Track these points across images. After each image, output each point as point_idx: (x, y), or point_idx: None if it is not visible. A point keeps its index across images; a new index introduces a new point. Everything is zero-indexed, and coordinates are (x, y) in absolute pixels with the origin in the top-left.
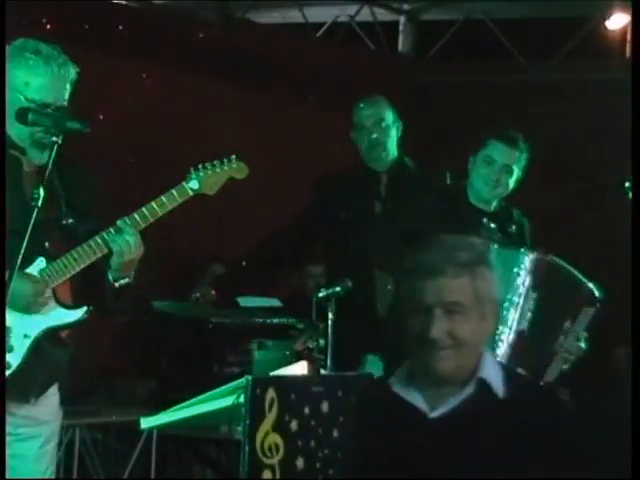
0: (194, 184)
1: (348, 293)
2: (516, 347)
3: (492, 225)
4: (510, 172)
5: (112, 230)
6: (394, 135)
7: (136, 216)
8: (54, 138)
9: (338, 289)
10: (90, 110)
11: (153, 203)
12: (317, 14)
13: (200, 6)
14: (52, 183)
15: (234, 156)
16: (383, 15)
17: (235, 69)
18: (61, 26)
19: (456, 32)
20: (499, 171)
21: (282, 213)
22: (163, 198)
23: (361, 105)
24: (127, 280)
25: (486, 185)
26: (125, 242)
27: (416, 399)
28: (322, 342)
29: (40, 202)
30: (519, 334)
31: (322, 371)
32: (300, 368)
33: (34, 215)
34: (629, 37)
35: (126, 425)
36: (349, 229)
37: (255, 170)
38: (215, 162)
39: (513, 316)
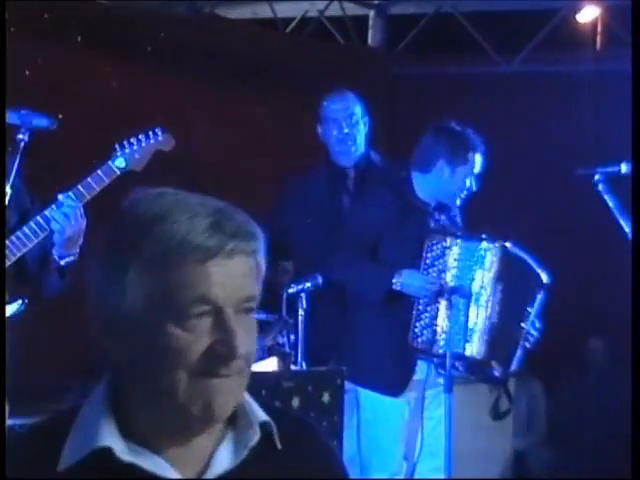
0: (120, 162)
1: (318, 288)
2: (489, 342)
3: (442, 217)
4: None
5: (53, 206)
6: (362, 130)
7: (71, 193)
8: (21, 136)
9: (308, 285)
10: (54, 106)
11: (79, 186)
12: (286, 9)
13: (170, 2)
14: (15, 177)
15: (159, 129)
16: (353, 9)
17: (204, 65)
18: (28, 23)
19: (425, 26)
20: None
21: (246, 206)
22: (89, 179)
23: (330, 99)
24: (72, 258)
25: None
26: (64, 216)
27: (161, 467)
28: (292, 337)
29: (7, 200)
30: (491, 327)
31: (292, 367)
32: (270, 364)
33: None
34: (599, 29)
35: None
36: (318, 226)
37: (221, 164)
38: (140, 137)
39: (485, 311)
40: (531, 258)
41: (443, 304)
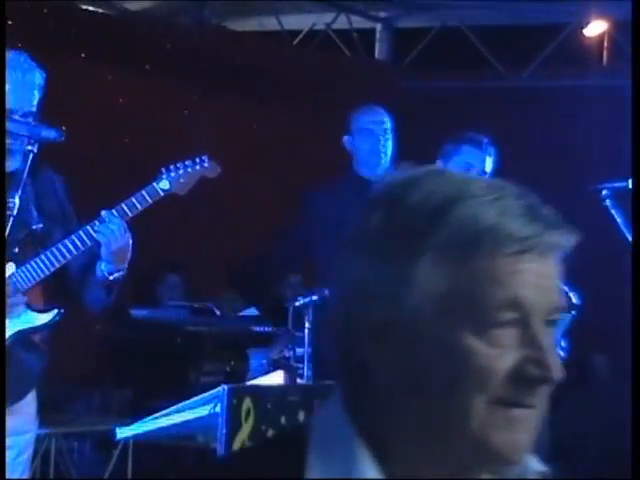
0: (165, 184)
1: (325, 302)
2: None
3: None
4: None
5: (96, 222)
6: (390, 144)
7: (114, 211)
8: (29, 147)
9: (315, 298)
10: (62, 115)
11: (123, 204)
12: (294, 22)
13: (176, 13)
14: (22, 188)
15: (205, 156)
16: (360, 23)
17: (211, 76)
18: (33, 32)
19: (432, 39)
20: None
21: (253, 219)
22: (133, 199)
23: (364, 111)
24: (121, 273)
25: None
26: (110, 231)
27: None
28: (299, 351)
29: (15, 211)
30: None
31: (299, 380)
32: (277, 377)
33: (10, 223)
34: (606, 44)
35: (102, 434)
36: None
37: (227, 174)
38: (187, 162)
39: None
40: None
41: None
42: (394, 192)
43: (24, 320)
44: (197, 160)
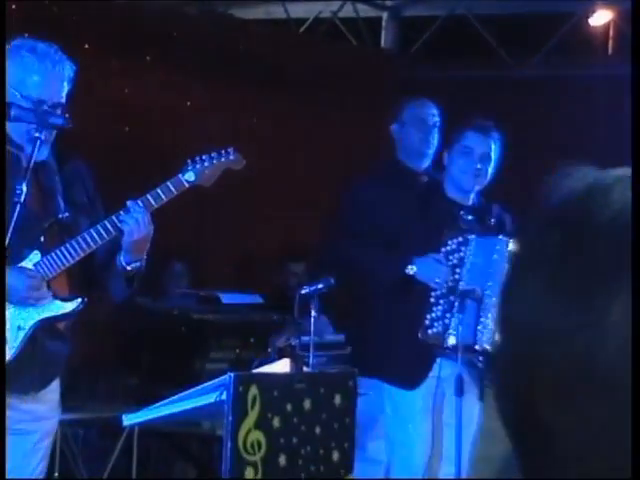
0: (190, 176)
1: (331, 290)
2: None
3: (469, 217)
4: (489, 160)
5: (122, 212)
6: (437, 138)
7: (139, 201)
8: (37, 134)
9: (320, 286)
10: (72, 106)
11: (148, 195)
12: (300, 10)
13: (183, 2)
14: (50, 178)
15: (231, 148)
16: (366, 11)
17: (218, 64)
18: (42, 24)
19: (439, 28)
20: (478, 160)
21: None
22: (158, 190)
23: (419, 102)
24: (139, 264)
25: (466, 174)
26: (134, 220)
27: None
28: (305, 339)
29: (22, 198)
30: None
31: (305, 368)
32: (283, 365)
33: (17, 211)
34: (611, 34)
35: (108, 421)
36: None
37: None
38: (213, 154)
39: (493, 302)
40: None
41: (454, 297)
42: (576, 207)
43: (49, 308)
44: (222, 152)
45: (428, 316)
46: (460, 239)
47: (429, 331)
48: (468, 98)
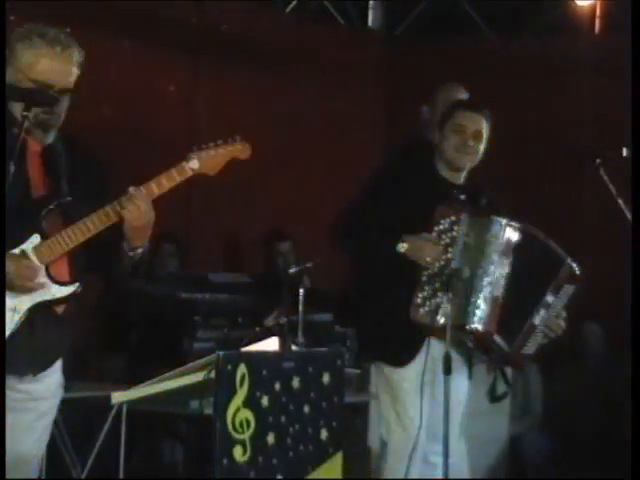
0: (194, 164)
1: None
2: (491, 314)
3: (462, 197)
4: (480, 138)
5: (123, 198)
6: None
7: (142, 188)
8: (25, 112)
9: (309, 265)
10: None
11: (152, 182)
12: None
13: None
14: (54, 161)
15: (237, 137)
16: None
17: (204, 45)
18: (25, 6)
19: (426, 8)
20: (471, 137)
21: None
22: (162, 178)
23: (450, 85)
24: (140, 250)
25: (458, 152)
26: (136, 207)
27: None
28: (293, 318)
29: (11, 177)
30: (493, 301)
31: (293, 347)
32: (271, 344)
33: (6, 193)
34: (598, 12)
35: (96, 401)
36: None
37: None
38: (218, 142)
39: (484, 282)
40: (561, 249)
41: (445, 276)
42: None
43: (45, 292)
44: (228, 140)
45: (419, 295)
46: (453, 218)
47: (420, 310)
48: (455, 78)
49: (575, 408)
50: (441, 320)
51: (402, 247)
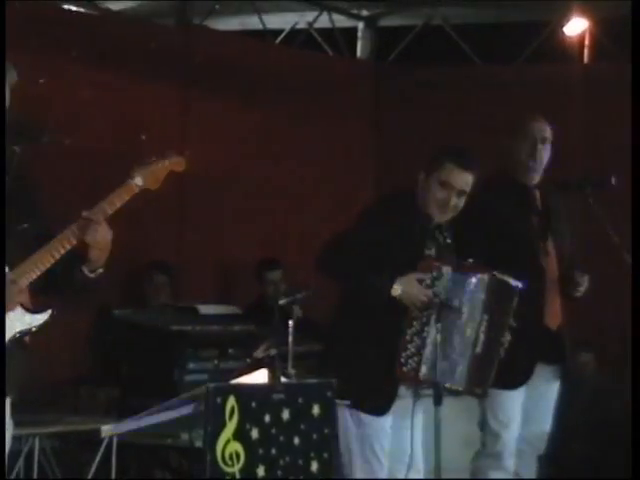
0: (139, 180)
1: (310, 300)
2: (472, 373)
3: (448, 240)
4: (464, 194)
5: (80, 221)
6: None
7: (96, 210)
8: None
9: (300, 296)
10: (45, 116)
11: (103, 203)
12: (276, 21)
13: (159, 13)
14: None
15: (170, 151)
16: (342, 21)
17: (193, 75)
18: (16, 33)
19: (415, 37)
20: (455, 195)
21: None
22: (112, 197)
23: (536, 118)
24: (101, 270)
25: (440, 208)
26: (95, 230)
27: None
28: (283, 349)
29: None
30: (475, 359)
31: (283, 379)
32: (261, 376)
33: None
34: (587, 42)
35: (87, 434)
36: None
37: (210, 174)
38: (154, 157)
39: (470, 343)
40: (501, 269)
41: (431, 329)
42: None
43: (23, 321)
44: (164, 155)
45: (403, 354)
46: (434, 274)
47: (404, 369)
48: (444, 107)
49: (568, 434)
50: (423, 375)
51: (396, 290)
